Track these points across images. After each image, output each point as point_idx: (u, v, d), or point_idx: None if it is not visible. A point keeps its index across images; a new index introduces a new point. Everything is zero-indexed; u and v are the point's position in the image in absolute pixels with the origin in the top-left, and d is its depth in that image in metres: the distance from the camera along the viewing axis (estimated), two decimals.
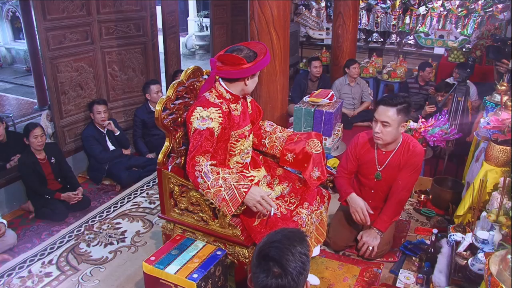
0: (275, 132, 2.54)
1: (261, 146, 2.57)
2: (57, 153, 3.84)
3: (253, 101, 2.49)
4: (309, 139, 2.40)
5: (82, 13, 4.11)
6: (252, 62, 2.11)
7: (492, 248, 2.19)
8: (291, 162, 2.43)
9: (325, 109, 3.69)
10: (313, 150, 2.35)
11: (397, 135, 2.57)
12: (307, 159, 2.36)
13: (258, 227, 2.17)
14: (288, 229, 1.37)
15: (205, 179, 2.04)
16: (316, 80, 5.67)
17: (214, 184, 2.02)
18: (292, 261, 1.22)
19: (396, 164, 2.65)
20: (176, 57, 5.38)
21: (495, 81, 3.65)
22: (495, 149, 2.71)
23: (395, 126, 2.49)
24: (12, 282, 2.67)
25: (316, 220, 2.48)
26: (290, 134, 2.52)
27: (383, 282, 2.58)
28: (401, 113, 2.47)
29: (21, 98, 6.93)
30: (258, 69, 2.16)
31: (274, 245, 1.26)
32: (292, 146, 2.42)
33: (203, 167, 2.06)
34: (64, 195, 3.65)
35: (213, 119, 2.14)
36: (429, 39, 6.55)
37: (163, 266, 2.00)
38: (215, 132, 2.14)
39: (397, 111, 2.45)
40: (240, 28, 6.81)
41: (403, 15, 6.73)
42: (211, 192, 2.03)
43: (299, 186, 2.47)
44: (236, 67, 2.11)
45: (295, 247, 1.25)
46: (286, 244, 1.25)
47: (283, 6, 3.28)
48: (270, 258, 1.23)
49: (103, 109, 4.14)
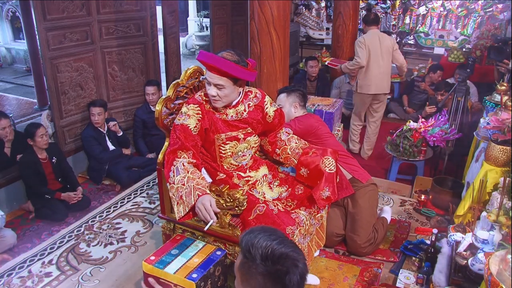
0: (290, 142, 2.48)
1: (274, 155, 2.53)
2: (58, 153, 3.84)
3: (279, 110, 2.47)
4: (324, 156, 2.33)
5: (82, 13, 4.11)
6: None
7: (492, 248, 2.19)
8: (306, 177, 2.38)
9: (325, 109, 3.70)
10: (326, 169, 2.28)
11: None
12: (320, 176, 2.30)
13: (253, 221, 2.16)
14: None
15: (175, 174, 2.07)
16: (315, 80, 5.67)
17: (179, 181, 2.05)
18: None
19: None
20: (176, 57, 5.38)
21: (495, 81, 3.65)
22: (495, 149, 2.71)
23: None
24: (12, 282, 2.67)
25: (316, 224, 2.47)
26: (305, 148, 2.45)
27: (383, 282, 2.58)
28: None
29: (21, 98, 6.93)
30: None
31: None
32: (306, 161, 2.36)
33: (178, 163, 2.10)
34: (64, 195, 3.65)
35: (190, 115, 2.17)
36: (429, 39, 6.56)
37: (162, 266, 2.00)
38: (192, 129, 2.16)
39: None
40: (240, 28, 6.80)
41: (403, 15, 6.73)
42: (175, 187, 2.05)
43: (298, 193, 2.42)
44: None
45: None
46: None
47: (283, 6, 3.27)
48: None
49: (97, 112, 4.11)
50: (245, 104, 2.33)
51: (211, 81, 2.13)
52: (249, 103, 2.34)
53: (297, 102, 2.96)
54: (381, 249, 2.87)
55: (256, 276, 1.17)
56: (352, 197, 2.81)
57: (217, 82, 2.13)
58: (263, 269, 1.16)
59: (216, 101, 2.19)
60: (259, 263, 1.16)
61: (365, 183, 2.86)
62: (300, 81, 5.68)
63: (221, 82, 2.12)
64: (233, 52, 2.16)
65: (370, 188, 2.87)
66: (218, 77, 2.11)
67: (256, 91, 2.40)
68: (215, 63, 2.08)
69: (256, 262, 1.16)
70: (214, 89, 2.15)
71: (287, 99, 2.97)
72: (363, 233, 2.76)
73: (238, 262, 1.24)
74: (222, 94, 2.16)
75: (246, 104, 2.33)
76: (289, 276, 1.15)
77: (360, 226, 2.77)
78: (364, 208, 2.80)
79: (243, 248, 1.20)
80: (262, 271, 1.16)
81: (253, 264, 1.17)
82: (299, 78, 5.84)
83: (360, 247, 2.76)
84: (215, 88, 2.14)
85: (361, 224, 2.77)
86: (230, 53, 2.14)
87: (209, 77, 2.13)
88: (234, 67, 2.09)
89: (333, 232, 2.81)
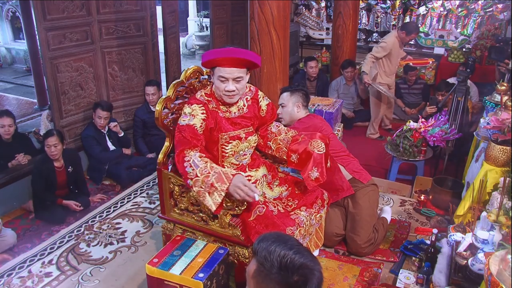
0: (280, 133, 2.49)
1: (266, 149, 2.53)
2: (75, 162, 3.75)
3: (271, 104, 2.48)
4: (313, 139, 2.34)
5: (82, 13, 4.11)
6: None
7: (492, 248, 2.18)
8: (296, 163, 2.38)
9: (325, 109, 3.70)
10: (315, 150, 2.28)
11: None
12: (309, 159, 2.29)
13: (253, 222, 2.16)
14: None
15: (194, 167, 2.04)
16: (314, 80, 5.67)
17: (202, 171, 2.01)
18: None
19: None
20: (176, 57, 5.38)
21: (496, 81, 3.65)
22: (495, 149, 2.71)
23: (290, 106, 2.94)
24: (12, 282, 2.66)
25: (316, 224, 2.47)
26: (294, 135, 2.46)
27: (383, 282, 2.58)
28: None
29: (21, 98, 6.93)
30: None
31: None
32: (296, 147, 2.37)
33: (192, 157, 2.07)
34: (66, 203, 3.62)
35: (195, 116, 2.16)
36: (429, 39, 6.55)
37: (167, 268, 2.00)
38: (198, 128, 2.15)
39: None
40: (240, 28, 6.80)
41: (403, 15, 6.72)
42: (200, 178, 2.01)
43: (298, 192, 2.44)
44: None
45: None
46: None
47: (283, 6, 3.27)
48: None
49: (104, 116, 4.11)
50: (244, 99, 2.35)
51: (229, 77, 2.11)
52: (246, 97, 2.36)
53: (300, 102, 2.95)
54: (381, 249, 2.87)
55: (273, 285, 1.16)
56: (352, 197, 2.81)
57: (238, 75, 2.12)
58: (280, 279, 1.14)
59: (234, 96, 2.19)
60: (276, 273, 1.14)
61: (366, 183, 2.86)
62: (299, 81, 5.67)
63: (241, 74, 2.13)
64: (232, 45, 2.19)
65: (371, 188, 2.87)
66: (237, 69, 2.11)
67: (249, 85, 2.42)
68: (235, 54, 2.08)
69: (273, 271, 1.14)
70: (233, 83, 2.13)
71: (290, 98, 2.96)
72: (364, 233, 2.76)
73: (252, 269, 1.21)
74: (240, 86, 2.16)
75: (244, 98, 2.35)
76: (308, 286, 1.15)
77: (360, 226, 2.77)
78: (364, 208, 2.80)
79: (259, 257, 1.18)
80: (279, 281, 1.15)
81: (270, 274, 1.15)
82: (298, 78, 5.84)
83: (360, 247, 2.76)
84: (234, 82, 2.13)
85: (361, 224, 2.77)
86: (232, 46, 2.16)
87: (227, 73, 2.11)
88: (250, 53, 2.13)
89: (333, 232, 2.81)
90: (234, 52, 2.09)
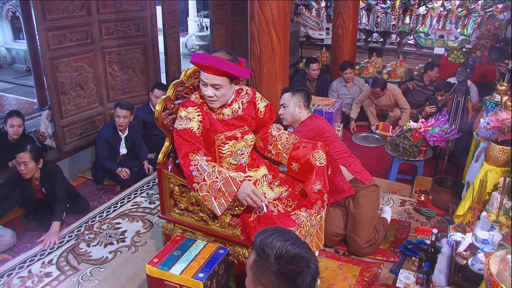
0: (281, 138, 2.49)
1: (266, 152, 2.54)
2: (51, 183, 3.29)
3: (269, 105, 2.48)
4: (315, 150, 2.34)
5: (82, 13, 4.11)
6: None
7: (492, 248, 2.18)
8: (297, 172, 2.41)
9: (325, 109, 3.70)
10: (317, 162, 2.30)
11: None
12: (311, 170, 2.32)
13: (253, 223, 2.17)
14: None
15: (201, 171, 2.05)
16: (314, 80, 5.67)
17: (210, 175, 2.03)
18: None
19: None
20: (176, 57, 5.38)
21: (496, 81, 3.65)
22: (495, 149, 2.71)
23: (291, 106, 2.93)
24: (12, 282, 2.67)
25: (316, 225, 2.47)
26: (295, 142, 2.46)
27: (383, 282, 2.58)
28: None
29: (21, 98, 6.93)
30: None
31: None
32: (297, 155, 2.39)
33: (199, 161, 2.08)
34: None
35: (191, 119, 2.17)
36: (429, 39, 6.55)
37: (167, 268, 2.00)
38: (196, 131, 2.16)
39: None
40: (240, 28, 6.81)
41: (403, 15, 6.72)
42: (207, 183, 2.02)
43: (298, 192, 2.44)
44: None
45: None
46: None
47: (283, 6, 3.27)
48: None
49: (123, 114, 4.04)
50: (239, 102, 2.35)
51: (207, 82, 2.13)
52: (242, 100, 2.36)
53: (301, 102, 2.94)
54: (381, 249, 2.87)
55: (269, 275, 1.19)
56: (353, 198, 2.82)
57: (215, 82, 2.13)
58: (276, 268, 1.17)
59: (213, 102, 2.19)
60: (273, 262, 1.17)
61: (367, 184, 2.86)
62: (299, 81, 5.67)
63: (218, 82, 2.13)
64: (225, 51, 2.18)
65: (372, 189, 2.87)
66: (215, 77, 2.11)
67: (246, 88, 2.42)
68: (212, 63, 2.08)
69: (270, 261, 1.18)
70: (211, 89, 2.15)
71: (292, 99, 2.95)
72: (364, 233, 2.76)
73: (250, 260, 1.25)
74: (219, 93, 2.16)
75: (240, 101, 2.35)
76: (302, 276, 1.18)
77: (361, 227, 2.77)
78: (365, 208, 2.80)
79: (257, 247, 1.21)
80: (275, 270, 1.18)
81: (267, 263, 1.18)
82: (299, 78, 5.83)
83: (360, 247, 2.76)
84: (212, 88, 2.14)
85: (362, 225, 2.77)
86: (223, 53, 2.15)
87: (206, 78, 2.13)
88: (230, 65, 2.10)
89: (333, 232, 2.81)
90: (212, 60, 2.08)
